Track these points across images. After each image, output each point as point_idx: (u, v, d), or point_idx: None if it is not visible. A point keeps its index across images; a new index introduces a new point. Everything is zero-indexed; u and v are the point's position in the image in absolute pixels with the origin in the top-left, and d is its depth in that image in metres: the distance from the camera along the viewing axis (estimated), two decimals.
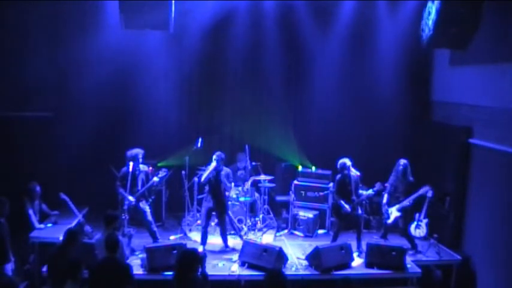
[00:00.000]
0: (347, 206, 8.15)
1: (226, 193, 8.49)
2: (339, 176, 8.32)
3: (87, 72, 9.36)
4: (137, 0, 7.01)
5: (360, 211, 8.48)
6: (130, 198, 7.84)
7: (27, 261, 7.46)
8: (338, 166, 8.25)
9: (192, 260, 5.35)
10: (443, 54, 9.53)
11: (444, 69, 9.75)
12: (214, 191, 8.19)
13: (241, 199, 9.25)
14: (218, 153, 8.20)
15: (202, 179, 8.13)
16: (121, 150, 8.18)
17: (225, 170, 8.29)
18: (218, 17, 9.78)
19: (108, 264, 5.60)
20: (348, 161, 8.22)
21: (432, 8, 7.16)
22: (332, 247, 7.81)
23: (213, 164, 8.11)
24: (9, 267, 6.41)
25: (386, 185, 8.42)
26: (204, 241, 8.25)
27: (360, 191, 8.34)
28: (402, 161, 8.26)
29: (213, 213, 8.41)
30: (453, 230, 8.76)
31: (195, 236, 8.85)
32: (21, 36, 9.08)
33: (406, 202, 8.20)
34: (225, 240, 8.43)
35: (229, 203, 8.90)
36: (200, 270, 5.48)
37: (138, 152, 8.02)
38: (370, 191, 8.18)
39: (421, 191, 8.22)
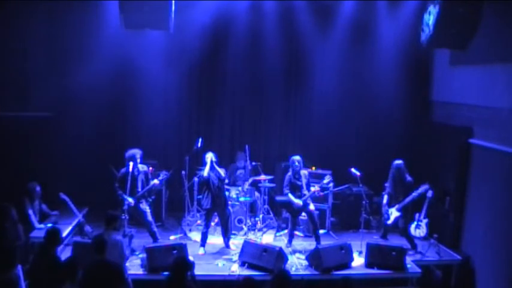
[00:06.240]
0: (297, 201, 8.25)
1: (226, 192, 8.53)
2: (288, 172, 8.50)
3: (87, 72, 9.35)
4: (137, 0, 7.01)
5: (312, 206, 8.48)
6: (130, 200, 7.82)
7: (27, 261, 7.45)
8: (289, 162, 8.45)
9: (182, 267, 5.53)
10: (443, 54, 9.53)
11: (444, 69, 9.75)
12: (213, 190, 8.18)
13: (241, 199, 9.25)
14: (211, 153, 8.27)
15: (205, 174, 8.11)
16: (121, 150, 8.18)
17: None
18: (218, 17, 9.78)
19: (97, 267, 5.56)
20: (298, 158, 8.39)
21: (432, 8, 7.16)
22: (332, 247, 7.81)
23: (212, 159, 8.14)
24: (20, 271, 6.37)
25: (386, 185, 8.42)
26: (203, 243, 8.26)
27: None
28: (396, 162, 8.25)
29: (214, 213, 8.43)
30: (453, 230, 8.75)
31: (195, 236, 8.85)
32: (21, 35, 9.08)
33: (407, 200, 8.17)
34: (225, 240, 8.42)
35: (229, 202, 8.89)
36: (189, 274, 5.69)
37: (136, 152, 8.02)
38: (316, 187, 8.36)
39: (421, 190, 8.18)
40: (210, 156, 8.19)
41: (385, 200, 8.40)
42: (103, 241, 5.72)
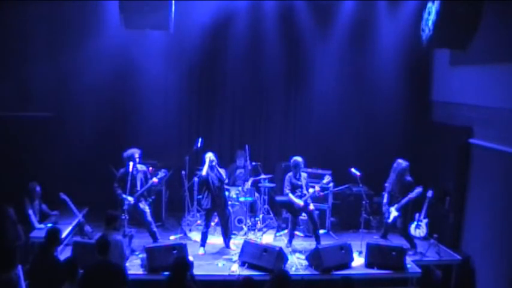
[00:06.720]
0: (298, 201, 8.26)
1: (226, 192, 8.52)
2: (289, 173, 8.51)
3: (87, 72, 9.36)
4: (137, 0, 7.01)
5: (312, 206, 8.48)
6: (130, 198, 7.82)
7: (27, 261, 7.45)
8: (291, 163, 8.42)
9: (182, 267, 5.57)
10: (443, 54, 9.53)
11: (444, 69, 9.75)
12: (213, 190, 8.17)
13: (241, 199, 9.25)
14: (211, 153, 8.25)
15: (204, 173, 8.11)
16: (121, 150, 8.18)
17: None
18: (218, 17, 9.79)
19: (99, 268, 5.56)
20: (300, 159, 8.38)
21: (432, 8, 7.16)
22: (332, 247, 7.81)
23: (211, 158, 8.13)
24: (20, 271, 6.38)
25: (387, 184, 8.42)
26: (203, 243, 8.25)
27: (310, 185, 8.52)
28: (399, 161, 8.25)
29: (214, 213, 8.43)
30: (453, 230, 8.75)
31: (195, 236, 8.85)
32: (21, 36, 9.07)
33: (404, 201, 8.16)
34: (226, 240, 8.41)
35: (229, 202, 8.89)
36: (188, 274, 5.75)
37: (135, 151, 8.02)
38: (316, 187, 8.37)
39: (415, 192, 8.08)
40: (209, 156, 8.19)
41: (385, 199, 8.39)
42: (106, 242, 5.70)
